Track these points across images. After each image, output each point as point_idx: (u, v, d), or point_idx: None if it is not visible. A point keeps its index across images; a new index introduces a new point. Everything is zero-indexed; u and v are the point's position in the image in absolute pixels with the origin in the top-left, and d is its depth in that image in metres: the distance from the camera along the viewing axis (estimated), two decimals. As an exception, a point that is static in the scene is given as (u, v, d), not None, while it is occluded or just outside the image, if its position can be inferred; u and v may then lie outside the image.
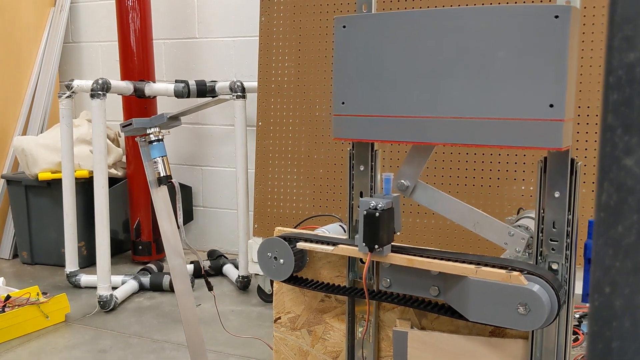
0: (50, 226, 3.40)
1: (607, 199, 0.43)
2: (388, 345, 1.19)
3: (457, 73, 1.03)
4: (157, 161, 1.31)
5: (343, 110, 1.14)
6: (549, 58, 0.95)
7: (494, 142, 1.02)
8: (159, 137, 1.30)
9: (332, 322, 1.24)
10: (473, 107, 1.02)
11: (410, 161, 1.15)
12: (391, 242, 1.08)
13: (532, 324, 0.95)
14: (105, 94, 2.81)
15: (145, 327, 2.65)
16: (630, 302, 0.42)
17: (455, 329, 1.12)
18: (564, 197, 1.01)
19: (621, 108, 0.42)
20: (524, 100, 0.98)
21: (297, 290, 1.27)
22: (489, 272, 0.98)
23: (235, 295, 3.05)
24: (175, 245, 1.37)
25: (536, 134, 0.98)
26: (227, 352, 2.41)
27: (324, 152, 2.59)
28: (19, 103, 3.69)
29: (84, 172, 3.25)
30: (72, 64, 4.01)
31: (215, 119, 3.67)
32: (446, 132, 1.04)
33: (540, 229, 1.03)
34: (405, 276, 1.10)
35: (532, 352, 1.05)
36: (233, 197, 3.58)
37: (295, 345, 1.28)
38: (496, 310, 0.97)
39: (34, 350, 2.43)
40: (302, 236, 1.20)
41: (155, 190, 1.33)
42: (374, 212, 1.03)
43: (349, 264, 1.20)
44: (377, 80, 1.09)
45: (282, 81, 2.67)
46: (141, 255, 3.49)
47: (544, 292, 0.94)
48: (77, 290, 3.07)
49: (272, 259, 1.19)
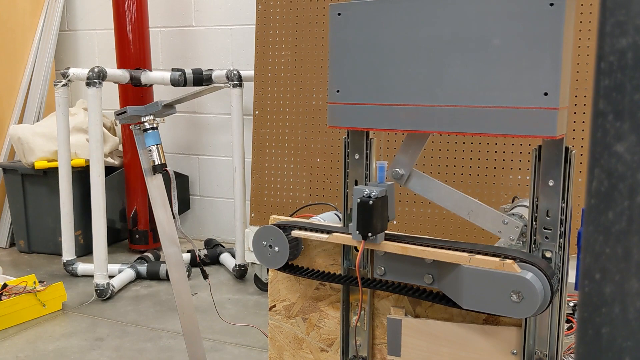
0: (47, 215, 3.40)
1: (598, 185, 0.43)
2: (382, 333, 1.20)
3: (452, 61, 1.03)
4: (152, 149, 1.30)
5: (338, 99, 1.13)
6: (544, 46, 0.95)
7: (489, 131, 1.02)
8: (154, 125, 1.30)
9: (327, 310, 1.24)
10: (468, 95, 1.02)
11: (405, 150, 1.15)
12: (385, 230, 1.08)
13: (525, 311, 0.95)
14: (102, 82, 2.80)
15: (142, 316, 2.66)
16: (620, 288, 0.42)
17: (449, 317, 1.12)
18: (558, 186, 1.01)
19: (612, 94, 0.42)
20: (518, 89, 0.98)
21: (292, 279, 1.27)
22: (483, 260, 0.98)
23: (232, 284, 3.05)
24: (170, 233, 1.37)
25: (531, 122, 0.97)
26: (224, 340, 2.42)
27: (321, 141, 2.59)
28: (15, 91, 3.67)
29: (81, 160, 3.24)
30: (68, 52, 4.00)
31: (211, 108, 3.66)
32: (441, 120, 1.04)
33: (534, 217, 1.03)
34: (400, 264, 1.10)
35: (525, 340, 1.05)
36: (230, 186, 3.58)
37: (290, 332, 1.28)
38: (490, 298, 0.97)
39: (31, 338, 2.44)
40: (297, 224, 1.20)
41: (150, 179, 1.32)
42: (368, 200, 1.03)
43: (343, 252, 1.20)
44: (372, 69, 1.09)
45: (279, 70, 2.66)
46: (138, 244, 3.49)
47: (537, 280, 0.94)
48: (74, 279, 3.07)
49: (267, 247, 1.19)
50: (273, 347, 1.32)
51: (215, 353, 2.29)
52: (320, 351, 1.27)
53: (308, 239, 1.23)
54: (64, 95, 2.91)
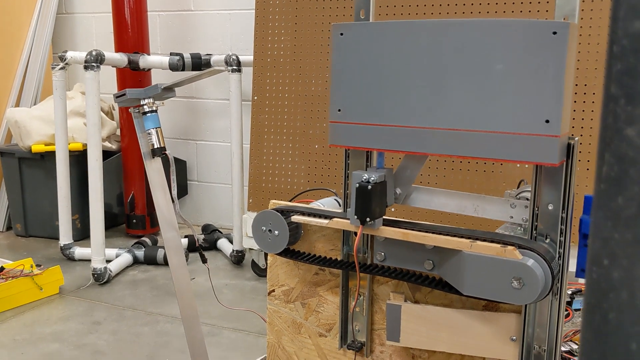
0: (44, 199, 3.39)
1: (608, 170, 0.42)
2: (381, 319, 1.20)
3: (454, 85, 1.02)
4: (151, 132, 1.30)
5: (339, 118, 1.13)
6: (546, 74, 0.95)
7: (488, 155, 1.02)
8: (153, 108, 1.29)
9: (326, 295, 1.24)
10: (469, 119, 1.02)
11: (403, 170, 1.14)
12: (383, 215, 1.08)
13: (526, 298, 0.95)
14: (99, 65, 2.78)
15: (139, 300, 2.66)
16: (628, 273, 0.42)
17: (448, 303, 1.12)
18: (560, 176, 1.01)
19: (624, 78, 0.41)
20: (520, 115, 0.98)
21: (291, 263, 1.27)
22: (484, 247, 0.98)
23: (229, 269, 3.06)
24: (169, 218, 1.36)
25: (531, 148, 0.98)
26: (221, 325, 2.42)
27: (320, 127, 2.58)
28: (12, 75, 3.65)
29: (78, 144, 3.23)
30: (66, 35, 3.97)
31: (210, 93, 3.65)
32: (441, 143, 1.04)
33: (536, 206, 1.03)
34: (400, 250, 1.10)
35: (525, 327, 1.06)
36: (228, 171, 3.57)
37: (288, 317, 1.29)
38: (490, 284, 0.97)
39: (28, 321, 2.44)
40: (296, 209, 1.19)
41: (149, 162, 1.32)
42: (366, 185, 1.03)
43: (343, 237, 1.20)
44: (374, 89, 1.09)
45: (278, 55, 2.65)
46: (135, 228, 3.49)
47: (538, 266, 0.94)
48: (71, 263, 3.07)
49: (267, 232, 1.19)
50: (271, 331, 1.32)
51: (212, 338, 2.30)
52: (319, 336, 1.27)
53: (308, 224, 1.23)
54: (61, 79, 2.89)
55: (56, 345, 2.24)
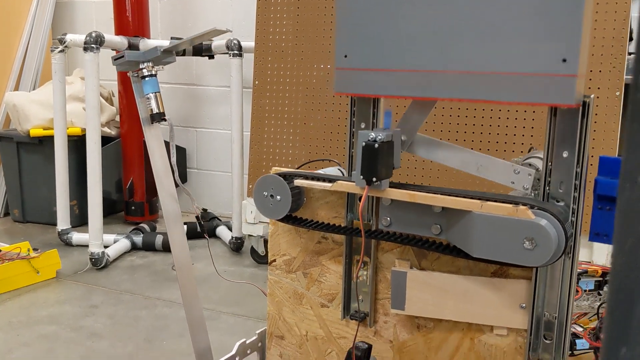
0: (43, 184, 3.36)
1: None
2: (385, 287, 1.16)
3: (465, 24, 0.98)
4: (150, 97, 1.26)
5: (345, 64, 1.09)
6: (564, 9, 0.91)
7: (502, 98, 0.97)
8: (152, 72, 1.25)
9: (329, 265, 1.21)
10: (481, 60, 0.97)
11: (409, 116, 1.10)
12: (390, 177, 1.04)
13: (539, 259, 0.91)
14: (99, 47, 2.74)
15: (137, 285, 2.63)
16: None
17: (456, 271, 1.09)
18: (574, 138, 0.97)
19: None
20: (535, 54, 0.94)
21: (293, 232, 1.23)
22: (495, 207, 0.94)
23: (228, 256, 3.02)
24: (168, 187, 1.32)
25: (547, 89, 0.93)
26: (219, 309, 2.39)
27: (321, 113, 2.54)
28: (11, 59, 3.61)
29: (77, 129, 3.19)
30: (65, 20, 3.93)
31: (210, 80, 3.61)
32: (453, 87, 1.00)
33: (549, 168, 0.99)
34: (406, 214, 1.06)
35: (536, 293, 1.02)
36: (227, 159, 3.54)
37: (290, 287, 1.25)
38: (501, 245, 0.93)
39: (24, 304, 2.40)
40: (299, 173, 1.16)
41: (147, 128, 1.28)
42: (373, 144, 0.99)
43: (347, 204, 1.16)
44: (382, 32, 1.05)
45: (280, 39, 2.61)
46: (134, 215, 3.45)
47: (552, 226, 0.91)
48: (68, 248, 3.04)
49: (269, 197, 1.15)
50: (272, 302, 1.28)
51: (211, 322, 2.26)
52: (321, 307, 1.23)
53: (310, 192, 1.19)
54: (60, 62, 2.86)
55: (52, 328, 2.21)
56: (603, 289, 1.63)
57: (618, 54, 2.10)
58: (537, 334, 1.04)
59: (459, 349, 1.11)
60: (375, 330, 1.19)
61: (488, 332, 1.08)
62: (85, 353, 2.03)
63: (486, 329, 1.08)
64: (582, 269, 1.72)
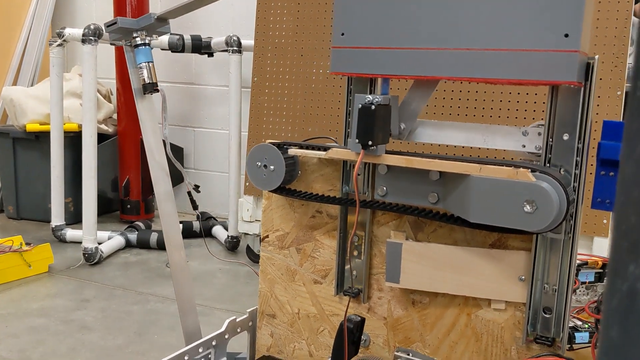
0: (38, 181, 3.32)
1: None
2: (380, 262, 1.12)
3: (465, 0, 0.95)
4: (142, 67, 1.23)
5: (342, 42, 1.06)
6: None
7: (503, 76, 0.94)
8: (146, 40, 1.22)
9: (323, 239, 1.17)
10: (482, 37, 0.95)
11: (408, 102, 1.07)
12: (386, 142, 1.01)
13: (539, 223, 0.87)
14: (97, 40, 2.72)
15: (130, 280, 2.58)
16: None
17: (453, 243, 1.05)
18: (577, 102, 0.94)
19: None
20: (536, 30, 0.91)
21: (287, 207, 1.20)
22: (494, 170, 0.91)
23: (223, 255, 2.98)
24: (160, 161, 1.29)
25: (549, 66, 0.90)
26: (213, 306, 2.35)
27: (320, 110, 2.52)
28: (9, 55, 3.59)
29: (74, 125, 3.16)
30: (66, 15, 3.91)
31: (209, 79, 3.59)
32: (452, 65, 0.97)
33: (550, 134, 0.96)
34: (402, 183, 1.03)
35: (535, 264, 0.98)
36: (225, 159, 3.50)
37: (282, 264, 1.21)
38: (501, 209, 0.90)
39: (15, 297, 2.36)
40: (293, 143, 1.12)
41: (139, 100, 1.25)
42: (370, 106, 0.96)
43: (342, 177, 1.13)
44: (380, 10, 1.02)
45: (280, 36, 2.59)
46: (129, 214, 3.41)
47: (553, 189, 0.87)
48: (62, 245, 3.00)
49: (262, 168, 1.12)
50: (264, 280, 1.24)
51: (203, 317, 2.21)
52: (314, 283, 1.19)
53: (305, 164, 1.16)
54: (59, 56, 2.84)
55: (42, 320, 2.16)
56: (603, 281, 1.59)
57: (620, 53, 2.08)
58: (536, 307, 1.00)
59: (455, 325, 1.07)
60: (369, 306, 1.15)
61: (485, 307, 1.04)
62: (74, 344, 1.98)
63: (483, 304, 1.04)
64: (582, 260, 1.68)
